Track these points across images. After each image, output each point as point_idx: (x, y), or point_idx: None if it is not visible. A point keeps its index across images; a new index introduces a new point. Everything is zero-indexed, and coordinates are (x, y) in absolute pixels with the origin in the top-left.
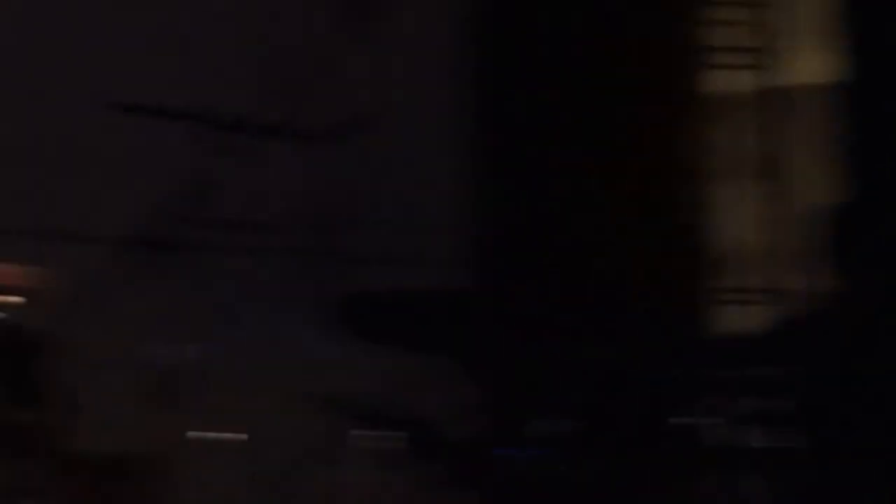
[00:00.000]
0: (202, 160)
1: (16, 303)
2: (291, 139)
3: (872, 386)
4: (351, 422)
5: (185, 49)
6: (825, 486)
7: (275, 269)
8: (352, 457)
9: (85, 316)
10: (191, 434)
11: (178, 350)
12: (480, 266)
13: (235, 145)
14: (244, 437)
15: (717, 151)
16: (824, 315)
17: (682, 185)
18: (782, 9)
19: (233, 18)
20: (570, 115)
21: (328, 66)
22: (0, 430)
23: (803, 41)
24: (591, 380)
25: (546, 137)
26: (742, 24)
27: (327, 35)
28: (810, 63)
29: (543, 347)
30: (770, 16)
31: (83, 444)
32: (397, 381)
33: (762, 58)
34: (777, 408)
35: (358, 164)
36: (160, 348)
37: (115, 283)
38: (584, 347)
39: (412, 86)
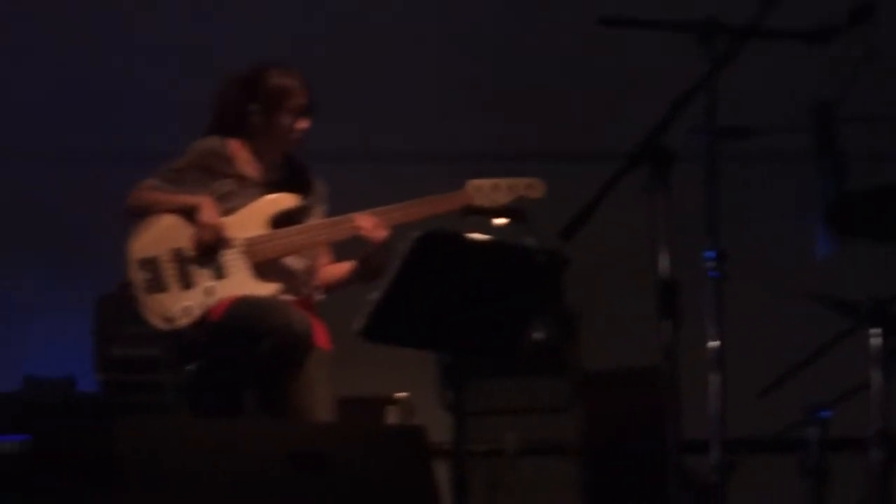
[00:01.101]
0: (706, 68)
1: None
2: (791, 38)
3: None
4: (857, 320)
5: None
6: None
7: (780, 173)
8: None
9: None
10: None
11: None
12: None
13: (737, 50)
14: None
15: None
16: None
17: None
18: None
19: None
20: None
21: None
22: (527, 350)
23: None
24: None
25: None
26: None
27: None
28: None
29: None
30: None
31: (594, 362)
32: None
33: None
34: None
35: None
36: (669, 260)
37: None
38: None
39: None
